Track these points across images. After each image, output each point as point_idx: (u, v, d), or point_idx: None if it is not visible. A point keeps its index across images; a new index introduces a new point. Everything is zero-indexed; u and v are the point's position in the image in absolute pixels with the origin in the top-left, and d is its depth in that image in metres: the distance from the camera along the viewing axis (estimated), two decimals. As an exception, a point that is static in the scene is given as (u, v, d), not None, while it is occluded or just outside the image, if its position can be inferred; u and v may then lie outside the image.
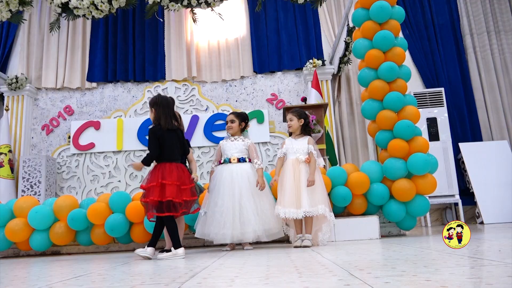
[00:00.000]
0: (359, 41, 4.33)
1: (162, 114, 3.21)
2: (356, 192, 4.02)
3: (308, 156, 3.46)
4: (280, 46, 7.21)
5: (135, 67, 7.24)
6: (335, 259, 2.16)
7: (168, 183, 3.03)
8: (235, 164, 3.58)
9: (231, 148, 3.65)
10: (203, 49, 7.34)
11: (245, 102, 7.12)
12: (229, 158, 3.61)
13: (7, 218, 3.96)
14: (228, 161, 3.60)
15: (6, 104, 7.06)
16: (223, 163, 3.63)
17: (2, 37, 7.41)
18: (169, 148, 3.18)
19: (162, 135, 3.16)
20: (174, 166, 3.13)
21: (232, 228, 3.30)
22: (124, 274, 2.03)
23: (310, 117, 3.79)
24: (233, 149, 3.64)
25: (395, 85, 4.15)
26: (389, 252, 2.41)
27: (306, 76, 6.87)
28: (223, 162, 3.63)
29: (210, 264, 2.27)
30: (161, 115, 3.21)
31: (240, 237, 3.32)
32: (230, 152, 3.63)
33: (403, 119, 4.03)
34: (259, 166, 3.57)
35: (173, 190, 3.02)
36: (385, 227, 4.24)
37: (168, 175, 3.07)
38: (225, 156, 3.64)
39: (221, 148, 3.72)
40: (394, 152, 4.00)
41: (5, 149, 6.66)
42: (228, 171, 3.54)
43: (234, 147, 3.65)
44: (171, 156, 3.18)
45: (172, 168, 3.11)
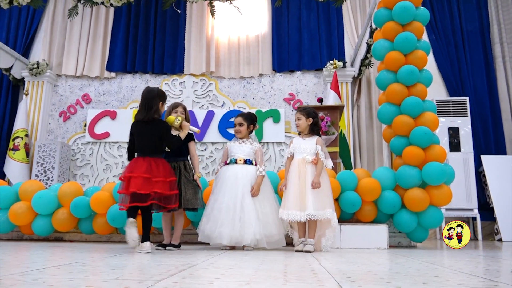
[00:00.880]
0: (379, 42, 4.16)
1: (139, 106, 3.21)
2: (366, 199, 3.85)
3: (315, 156, 3.32)
4: (301, 45, 7.07)
5: (154, 59, 7.22)
6: (331, 268, 2.03)
7: (134, 176, 2.98)
8: (240, 165, 3.49)
9: (238, 151, 3.56)
10: (223, 45, 7.27)
11: (262, 100, 7.01)
12: (235, 159, 3.51)
13: (11, 201, 3.96)
14: (234, 162, 3.51)
15: (26, 88, 7.14)
16: (229, 163, 3.54)
17: (27, 23, 7.50)
18: (139, 142, 3.14)
19: (133, 129, 3.18)
20: (146, 160, 3.06)
21: (231, 227, 3.19)
22: (107, 266, 1.94)
23: (319, 116, 3.64)
24: (240, 152, 3.56)
25: (415, 89, 3.97)
26: (391, 264, 2.27)
27: (326, 77, 6.72)
28: (229, 162, 3.54)
29: (199, 263, 2.17)
30: (139, 107, 3.20)
31: (239, 239, 3.20)
32: (237, 154, 3.54)
33: (420, 125, 3.85)
34: (260, 173, 3.48)
35: (138, 182, 2.95)
36: (395, 237, 4.06)
37: (137, 168, 3.02)
38: (232, 157, 3.55)
39: (228, 150, 3.64)
40: (409, 160, 3.82)
41: (21, 133, 6.73)
42: (233, 171, 3.45)
43: (241, 150, 3.56)
44: (141, 149, 3.13)
45: (141, 162, 3.05)
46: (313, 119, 3.50)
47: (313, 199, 3.18)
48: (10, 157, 6.61)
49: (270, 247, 3.30)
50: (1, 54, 6.69)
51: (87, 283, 1.39)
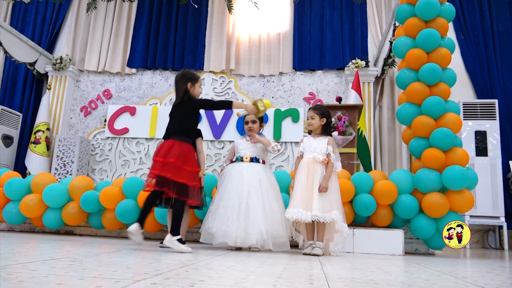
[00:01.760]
0: (400, 39, 3.98)
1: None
2: (381, 202, 3.69)
3: (326, 157, 3.18)
4: (323, 43, 6.90)
5: (175, 55, 7.19)
6: (331, 273, 1.90)
7: (155, 159, 2.90)
8: (246, 163, 3.38)
9: (245, 148, 3.46)
10: (243, 42, 7.18)
11: (282, 99, 6.88)
12: (241, 156, 3.41)
13: (23, 193, 3.97)
14: (240, 159, 3.40)
15: (49, 83, 7.24)
16: (234, 161, 3.44)
17: (52, 18, 7.61)
18: (168, 125, 3.12)
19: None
20: (167, 143, 2.96)
21: (236, 226, 3.07)
22: (94, 263, 1.87)
23: (336, 116, 3.49)
24: (246, 148, 3.46)
25: (437, 89, 3.78)
26: (399, 273, 2.11)
27: (348, 77, 6.53)
28: (235, 160, 3.44)
29: (194, 263, 2.07)
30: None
31: (244, 239, 3.08)
32: (244, 151, 3.44)
33: (442, 127, 3.65)
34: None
35: (157, 166, 2.86)
36: (412, 244, 3.87)
37: (158, 151, 2.94)
38: (238, 155, 3.45)
39: (235, 147, 3.54)
40: (428, 162, 3.63)
41: (43, 126, 6.83)
42: (238, 169, 3.35)
43: (248, 147, 3.46)
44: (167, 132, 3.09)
45: (162, 145, 2.97)
46: (327, 120, 3.36)
47: (319, 200, 3.04)
48: (31, 150, 6.71)
49: (275, 249, 3.17)
50: (25, 49, 6.81)
51: (60, 280, 1.32)
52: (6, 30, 6.40)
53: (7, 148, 6.70)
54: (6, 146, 6.70)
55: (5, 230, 4.32)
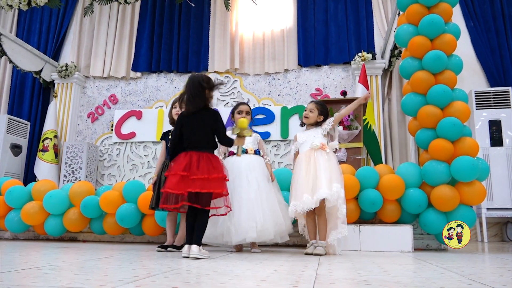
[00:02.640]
0: (402, 27, 3.83)
1: (186, 97, 2.79)
2: (388, 197, 3.54)
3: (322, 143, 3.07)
4: (328, 38, 6.75)
5: (179, 57, 7.14)
6: (324, 275, 1.78)
7: (171, 174, 2.70)
8: (248, 156, 3.29)
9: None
10: (247, 41, 7.08)
11: (288, 96, 6.75)
12: (245, 149, 3.31)
13: (24, 201, 3.95)
14: (244, 151, 3.30)
15: (56, 91, 7.27)
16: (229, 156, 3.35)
17: (57, 27, 7.64)
18: (188, 135, 2.78)
19: (180, 122, 2.80)
20: (188, 155, 2.71)
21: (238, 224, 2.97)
22: (73, 270, 1.79)
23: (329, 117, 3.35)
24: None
25: (442, 77, 3.61)
26: (401, 272, 1.98)
27: (354, 71, 6.37)
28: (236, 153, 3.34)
29: (182, 267, 1.98)
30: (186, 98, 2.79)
31: (242, 235, 2.96)
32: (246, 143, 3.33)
33: (449, 116, 3.49)
34: (269, 162, 3.37)
35: (172, 180, 2.65)
36: (423, 239, 3.71)
37: (176, 165, 2.70)
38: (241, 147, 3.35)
39: None
40: (436, 154, 3.47)
41: (51, 134, 6.85)
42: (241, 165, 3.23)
43: (247, 139, 3.33)
44: (188, 143, 2.76)
45: (182, 158, 2.71)
46: (324, 118, 3.25)
47: (325, 179, 2.90)
48: (39, 158, 6.73)
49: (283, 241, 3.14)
50: (30, 58, 6.84)
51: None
52: (10, 39, 6.44)
53: (16, 157, 6.74)
54: (15, 155, 6.73)
55: (10, 238, 4.30)
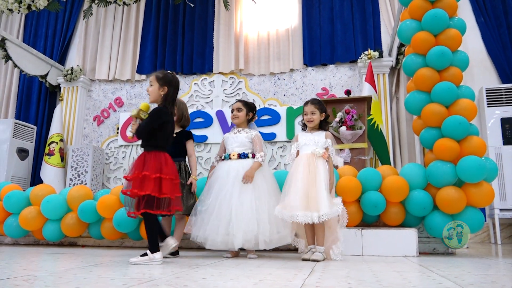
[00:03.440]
0: (405, 22, 3.69)
1: (171, 97, 2.76)
2: (391, 199, 3.40)
3: (325, 150, 2.95)
4: (333, 36, 6.62)
5: (183, 59, 7.09)
6: (311, 284, 1.68)
7: (165, 177, 2.63)
8: (234, 161, 3.16)
9: (233, 142, 3.24)
10: (252, 41, 6.99)
11: (294, 96, 6.64)
12: (229, 154, 3.20)
13: (22, 206, 3.91)
14: (228, 157, 3.20)
15: (62, 94, 7.28)
16: (223, 159, 3.25)
17: (63, 31, 7.66)
18: (169, 137, 2.77)
19: (168, 121, 2.75)
20: (170, 158, 2.73)
21: (218, 232, 2.87)
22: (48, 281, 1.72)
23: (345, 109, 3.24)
24: (234, 142, 3.23)
25: (447, 74, 3.47)
26: (395, 281, 1.86)
27: (361, 69, 6.23)
28: (224, 158, 3.24)
29: (162, 277, 1.89)
30: (170, 97, 2.76)
31: (227, 245, 2.89)
32: (232, 146, 3.23)
33: (454, 114, 3.34)
34: (258, 159, 3.13)
35: (169, 186, 2.61)
36: (429, 243, 3.56)
37: (165, 167, 2.65)
38: (226, 152, 3.25)
39: (224, 142, 3.33)
40: (441, 154, 3.32)
41: (56, 138, 6.85)
42: (224, 168, 3.14)
43: (236, 140, 3.23)
44: (168, 145, 2.78)
45: (169, 160, 2.71)
46: (326, 115, 3.13)
47: (327, 197, 2.80)
48: (46, 162, 6.74)
49: (269, 247, 2.95)
50: (36, 62, 6.85)
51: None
52: (15, 44, 6.46)
53: (22, 161, 6.75)
54: (22, 159, 6.75)
55: (10, 244, 4.28)
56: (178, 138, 3.19)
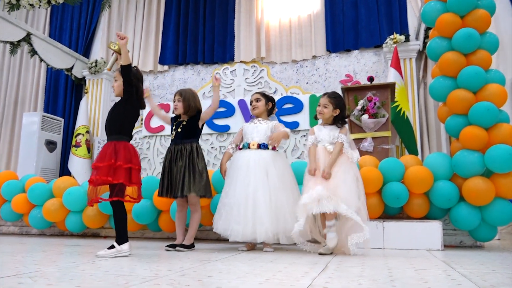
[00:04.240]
0: (430, 4, 3.50)
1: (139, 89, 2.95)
2: (414, 191, 3.26)
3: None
4: (357, 21, 6.40)
5: (205, 48, 7.04)
6: (319, 285, 1.60)
7: (134, 167, 2.70)
8: (253, 151, 3.09)
9: (253, 132, 3.17)
10: (273, 28, 6.86)
11: (317, 84, 6.49)
12: (248, 143, 3.13)
13: (46, 198, 3.99)
14: (247, 146, 3.13)
15: (87, 87, 7.39)
16: (242, 148, 3.18)
17: (86, 23, 7.74)
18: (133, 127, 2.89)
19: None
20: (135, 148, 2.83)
21: (243, 224, 2.82)
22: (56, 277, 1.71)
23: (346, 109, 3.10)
24: (254, 132, 3.16)
25: (475, 57, 3.27)
26: (410, 281, 1.76)
27: (386, 54, 6.01)
28: (242, 147, 3.17)
29: (169, 272, 1.86)
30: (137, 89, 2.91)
31: (252, 236, 2.83)
32: (251, 136, 3.15)
33: (482, 100, 3.15)
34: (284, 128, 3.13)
35: (137, 175, 2.74)
36: (456, 236, 3.41)
37: (134, 158, 2.73)
38: (245, 141, 3.18)
39: (243, 132, 3.26)
40: (468, 143, 3.15)
41: (83, 129, 6.97)
42: (244, 158, 3.07)
43: (256, 130, 3.16)
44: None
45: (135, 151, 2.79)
46: (341, 112, 3.00)
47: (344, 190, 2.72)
48: (73, 154, 6.88)
49: (290, 242, 2.89)
50: (61, 55, 6.96)
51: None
52: (40, 39, 6.57)
53: (51, 153, 6.92)
54: (50, 151, 6.91)
55: (37, 234, 4.38)
56: (188, 123, 3.17)
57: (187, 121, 3.17)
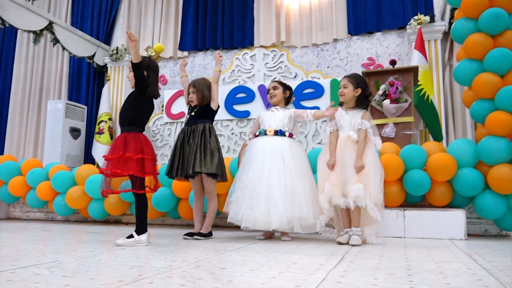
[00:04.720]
0: (455, -17, 3.34)
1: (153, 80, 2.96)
2: (437, 178, 3.17)
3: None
4: (380, 2, 6.20)
5: (224, 33, 6.98)
6: (333, 279, 1.57)
7: (147, 158, 2.67)
8: (270, 137, 3.05)
9: (270, 119, 3.13)
10: (293, 11, 6.72)
11: (338, 68, 6.36)
12: (264, 130, 3.09)
13: (69, 185, 4.07)
14: (263, 133, 3.09)
15: (108, 74, 7.46)
16: (258, 135, 3.14)
17: (107, 11, 7.78)
18: (148, 118, 2.91)
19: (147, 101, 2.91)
20: (148, 138, 2.82)
21: (256, 209, 2.78)
22: (73, 267, 1.74)
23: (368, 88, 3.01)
24: (271, 119, 3.11)
25: (503, 39, 3.13)
26: (429, 275, 1.71)
27: (410, 36, 5.82)
28: (258, 134, 3.14)
29: (184, 263, 1.86)
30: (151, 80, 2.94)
31: (264, 222, 2.78)
32: (268, 122, 3.11)
33: (510, 84, 3.01)
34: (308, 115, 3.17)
35: (151, 165, 2.70)
36: (481, 224, 3.32)
37: (146, 148, 2.70)
38: (262, 127, 3.14)
39: (260, 119, 3.22)
40: (494, 128, 3.04)
41: (105, 117, 7.06)
42: (260, 144, 3.03)
43: (273, 117, 3.12)
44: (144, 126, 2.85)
45: (148, 141, 2.78)
46: (363, 91, 2.92)
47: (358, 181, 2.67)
48: (96, 141, 6.99)
49: (305, 231, 2.85)
50: (82, 43, 7.03)
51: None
52: (62, 27, 6.64)
53: (75, 140, 7.05)
54: (74, 138, 7.04)
55: (62, 221, 4.50)
56: (202, 107, 3.19)
57: (202, 105, 3.18)
